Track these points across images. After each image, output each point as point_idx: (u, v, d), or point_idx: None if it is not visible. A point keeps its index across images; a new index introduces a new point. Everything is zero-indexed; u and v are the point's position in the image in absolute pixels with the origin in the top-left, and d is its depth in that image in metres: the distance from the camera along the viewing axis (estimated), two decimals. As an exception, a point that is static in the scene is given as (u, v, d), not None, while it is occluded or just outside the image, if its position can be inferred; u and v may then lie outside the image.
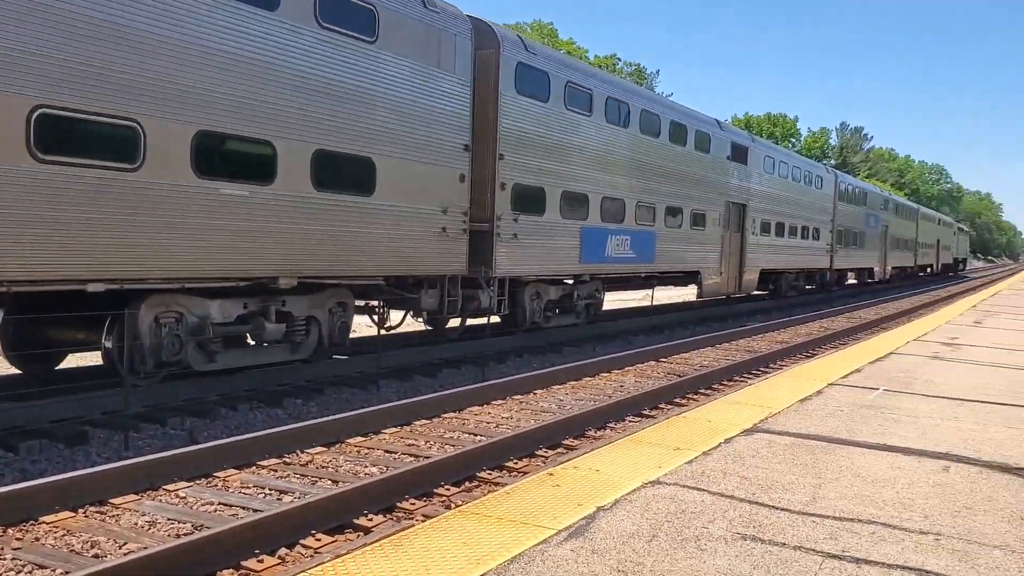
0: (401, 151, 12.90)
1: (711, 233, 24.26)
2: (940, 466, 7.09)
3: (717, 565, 4.70)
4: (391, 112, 12.71)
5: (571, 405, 11.50)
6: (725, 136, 25.64)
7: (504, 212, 15.20)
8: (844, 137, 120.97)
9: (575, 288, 18.69)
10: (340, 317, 12.88)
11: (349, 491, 6.81)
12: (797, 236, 32.09)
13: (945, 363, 13.72)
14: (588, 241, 17.97)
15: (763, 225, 28.34)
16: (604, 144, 18.65)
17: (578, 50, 66.02)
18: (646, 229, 20.51)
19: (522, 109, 15.66)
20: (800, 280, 34.44)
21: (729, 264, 25.47)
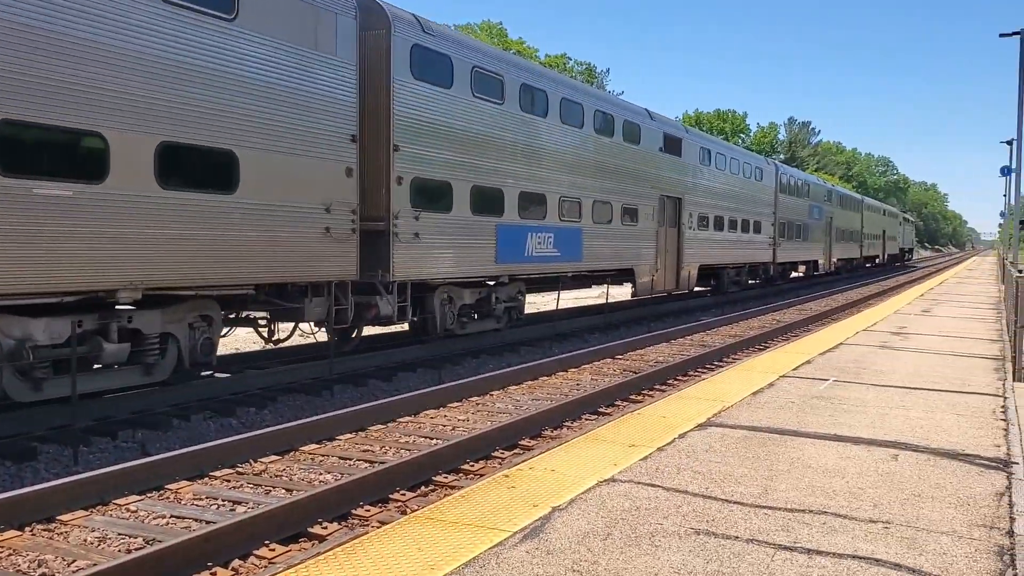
0: (270, 142, 11.37)
1: (644, 229, 23.05)
2: (889, 454, 7.21)
3: (671, 561, 4.72)
4: (257, 99, 11.14)
5: (528, 405, 11.50)
6: (656, 127, 24.38)
7: (402, 209, 13.72)
8: (792, 132, 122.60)
9: (494, 291, 17.33)
10: (204, 333, 11.29)
11: (303, 499, 6.73)
12: (737, 230, 31.14)
13: (894, 352, 13.97)
14: (505, 239, 16.54)
15: (701, 219, 27.25)
16: (520, 135, 17.27)
17: (528, 50, 66.13)
18: (572, 226, 19.19)
19: (421, 96, 14.16)
20: (743, 275, 33.45)
21: (666, 260, 24.43)
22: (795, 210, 39.48)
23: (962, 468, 6.84)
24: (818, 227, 44.24)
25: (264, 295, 12.05)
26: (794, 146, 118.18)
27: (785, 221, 37.48)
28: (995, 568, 4.73)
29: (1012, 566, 4.76)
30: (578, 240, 19.49)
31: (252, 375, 12.44)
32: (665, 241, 24.35)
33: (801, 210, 40.74)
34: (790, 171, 41.89)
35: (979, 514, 5.66)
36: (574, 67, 73.58)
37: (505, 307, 17.69)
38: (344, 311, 13.00)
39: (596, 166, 20.43)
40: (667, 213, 24.55)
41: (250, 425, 10.54)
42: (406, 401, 10.89)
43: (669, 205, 24.74)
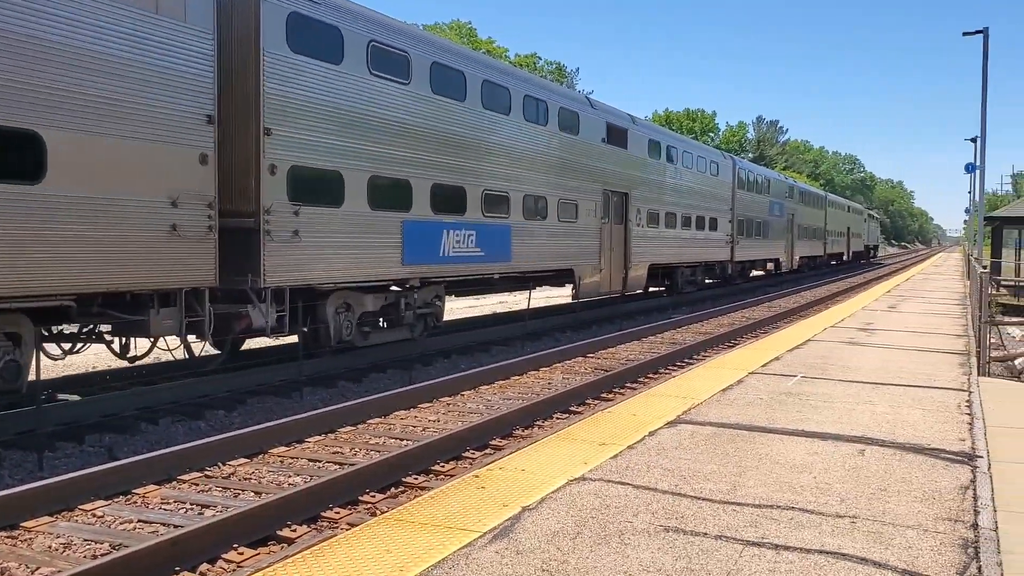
0: (92, 123, 9.42)
1: (586, 225, 21.32)
2: (856, 449, 7.28)
3: (640, 559, 4.74)
4: (71, 69, 9.19)
5: (499, 405, 11.49)
6: (599, 116, 22.57)
7: (277, 203, 11.81)
8: (761, 131, 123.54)
9: (404, 296, 15.27)
10: (7, 354, 9.28)
11: (272, 502, 6.68)
12: (692, 227, 29.50)
13: (860, 348, 14.11)
14: (414, 238, 14.57)
15: (651, 216, 25.52)
16: (432, 120, 15.15)
17: (498, 49, 66.12)
18: (498, 222, 17.31)
19: (301, 72, 12.25)
20: (699, 274, 31.84)
21: (611, 260, 22.74)
22: (755, 207, 38.04)
23: (928, 462, 6.92)
24: (779, 224, 42.84)
25: (97, 306, 10.16)
26: (762, 145, 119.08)
27: (744, 218, 35.99)
28: (960, 561, 4.78)
29: (976, 559, 4.82)
30: (506, 238, 17.65)
31: (221, 378, 12.33)
32: (611, 239, 22.73)
33: (761, 207, 39.29)
34: (749, 166, 40.38)
35: (944, 507, 5.73)
36: (544, 67, 73.65)
37: (418, 314, 15.72)
38: (201, 323, 11.04)
39: (526, 157, 18.59)
40: (612, 209, 22.91)
41: (219, 428, 10.45)
42: (376, 402, 10.83)
43: (615, 200, 23.07)
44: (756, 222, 38.18)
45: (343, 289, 13.67)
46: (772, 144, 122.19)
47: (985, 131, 34.63)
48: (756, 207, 38.25)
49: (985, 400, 9.76)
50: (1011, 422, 8.70)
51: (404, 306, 15.19)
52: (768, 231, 40.41)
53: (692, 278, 31.06)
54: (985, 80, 33.00)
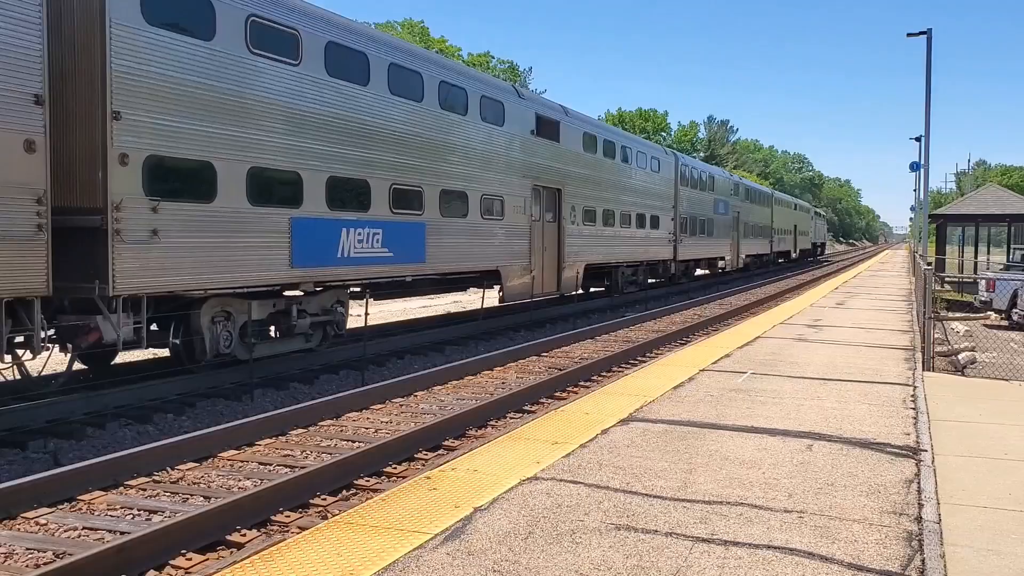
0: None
1: (514, 223, 19.85)
2: (804, 445, 7.38)
3: (591, 557, 4.75)
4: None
5: (452, 405, 11.46)
6: (527, 107, 21.06)
7: (129, 198, 10.28)
8: (712, 130, 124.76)
9: (296, 302, 13.78)
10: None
11: (221, 507, 6.59)
12: (631, 225, 28.19)
13: (809, 344, 14.32)
14: (305, 237, 13.01)
15: (587, 213, 24.20)
16: (326, 105, 13.51)
17: (451, 48, 65.99)
18: (410, 220, 15.80)
19: (159, 48, 10.69)
20: (640, 274, 30.34)
21: (544, 260, 21.48)
22: (699, 204, 36.96)
23: (874, 456, 7.04)
24: (725, 222, 41.76)
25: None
26: (713, 144, 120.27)
27: (688, 216, 34.90)
28: (904, 554, 4.87)
29: (920, 551, 4.91)
30: (420, 237, 16.15)
31: (171, 381, 12.12)
32: (542, 238, 21.44)
33: (705, 204, 38.22)
34: (692, 163, 39.16)
35: (889, 501, 5.83)
36: (497, 65, 73.67)
37: (316, 322, 14.22)
38: (32, 338, 9.50)
39: (443, 148, 16.97)
40: (544, 206, 21.68)
41: (168, 432, 10.27)
42: (328, 404, 10.74)
43: (546, 197, 21.84)
44: (700, 220, 37.17)
45: (220, 296, 12.20)
46: (723, 143, 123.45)
47: (929, 130, 35.37)
48: (700, 205, 37.31)
49: (929, 395, 9.96)
50: (954, 416, 8.89)
51: (297, 314, 13.74)
52: (713, 229, 39.35)
53: (633, 278, 29.73)
54: (929, 80, 33.69)
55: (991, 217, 33.89)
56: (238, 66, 11.94)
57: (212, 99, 11.54)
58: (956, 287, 32.80)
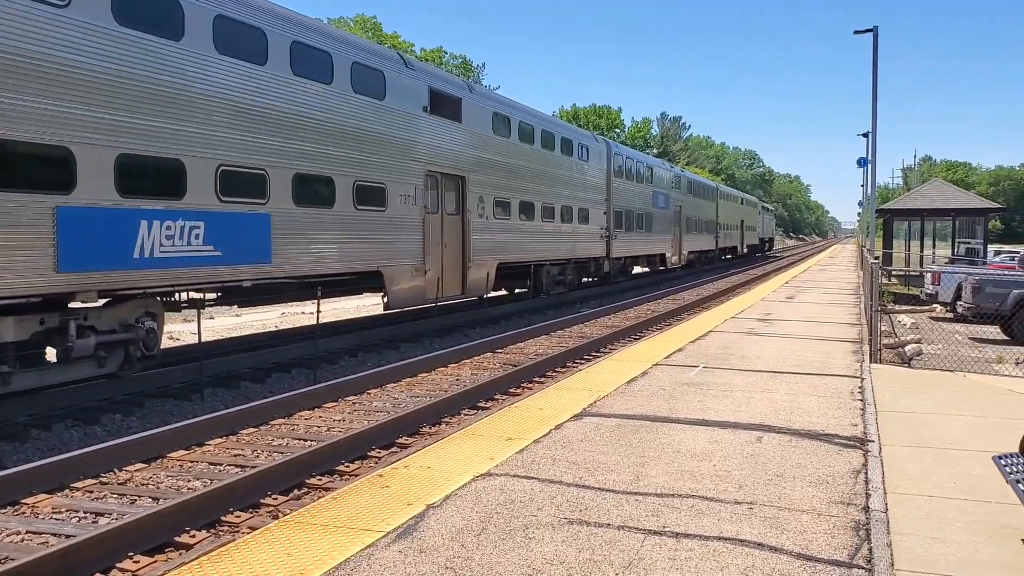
0: None
1: (401, 216, 16.85)
2: (754, 437, 7.46)
3: (544, 553, 4.75)
4: None
5: (406, 403, 11.40)
6: (417, 79, 17.94)
7: None
8: (664, 127, 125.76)
9: (74, 318, 10.78)
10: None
11: (169, 508, 6.48)
12: (556, 219, 25.70)
13: (760, 338, 14.49)
14: (81, 232, 10.18)
15: (498, 205, 21.48)
16: (112, 61, 10.59)
17: (404, 43, 65.68)
18: (246, 210, 12.87)
19: None
20: (569, 273, 27.95)
21: (443, 258, 18.68)
22: (635, 197, 34.47)
23: (822, 448, 7.14)
24: (665, 217, 39.39)
25: None
26: (666, 140, 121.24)
27: (623, 209, 32.43)
28: (852, 543, 4.94)
29: (867, 540, 4.99)
30: (263, 232, 13.21)
31: (118, 382, 11.90)
32: (441, 233, 18.65)
33: (643, 197, 35.64)
34: (627, 152, 35.87)
35: (837, 491, 5.91)
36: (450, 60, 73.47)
37: (109, 341, 11.30)
38: None
39: (294, 123, 13.97)
40: (442, 196, 18.80)
41: (116, 433, 10.09)
42: (279, 403, 10.63)
43: (445, 185, 18.93)
44: (638, 214, 34.67)
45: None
46: (675, 140, 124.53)
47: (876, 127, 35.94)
48: (637, 197, 34.81)
49: (877, 386, 10.14)
50: (901, 407, 9.05)
51: (78, 332, 10.76)
52: (652, 224, 36.97)
53: (560, 278, 27.12)
54: (875, 77, 34.24)
55: (936, 212, 34.58)
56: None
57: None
58: (903, 280, 33.43)
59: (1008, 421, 8.29)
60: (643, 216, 35.60)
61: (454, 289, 19.45)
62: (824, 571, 4.52)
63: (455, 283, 19.47)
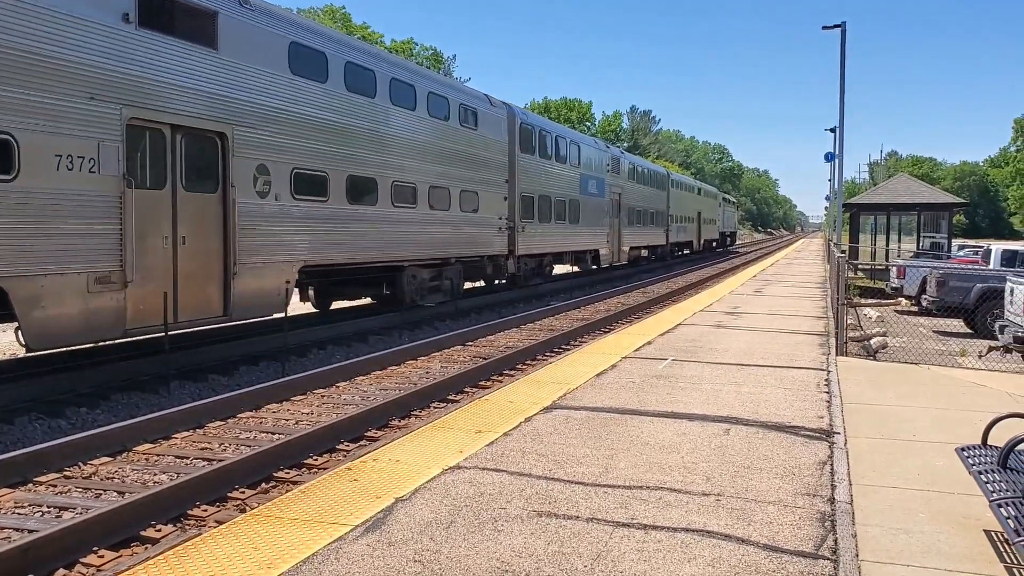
0: None
1: (54, 191, 10.20)
2: (722, 429, 7.51)
3: (513, 545, 4.75)
4: None
5: (375, 396, 11.35)
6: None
7: None
8: (634, 120, 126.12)
9: None
10: None
11: (134, 502, 6.41)
12: (420, 204, 18.94)
13: (728, 331, 14.59)
14: None
15: (304, 181, 14.87)
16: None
17: (373, 35, 65.28)
18: None
19: None
20: (451, 276, 21.31)
21: (176, 262, 12.13)
22: (553, 180, 28.39)
23: (788, 439, 7.20)
24: (598, 206, 33.33)
25: None
26: (636, 134, 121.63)
27: (534, 195, 26.41)
28: (817, 534, 4.99)
29: (833, 531, 5.04)
30: None
31: (84, 374, 11.75)
32: (173, 222, 12.13)
33: (565, 181, 29.59)
34: (543, 123, 29.30)
35: (803, 483, 5.97)
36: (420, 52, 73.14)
37: None
38: None
39: None
40: (178, 162, 12.22)
41: (81, 426, 9.97)
42: (247, 395, 10.54)
43: (187, 146, 12.43)
44: (557, 201, 28.52)
45: None
46: (646, 133, 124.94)
47: (843, 122, 36.27)
48: (556, 181, 28.69)
49: (843, 379, 10.25)
50: (866, 399, 9.15)
51: None
52: (579, 214, 30.87)
53: (435, 283, 20.65)
54: (843, 72, 34.54)
55: (902, 206, 34.96)
56: None
57: None
58: (869, 274, 33.78)
59: (971, 413, 8.41)
60: (565, 204, 29.43)
61: (207, 308, 12.76)
62: (790, 562, 4.56)
63: (209, 300, 12.81)
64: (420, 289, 19.92)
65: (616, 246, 36.09)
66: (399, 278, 18.90)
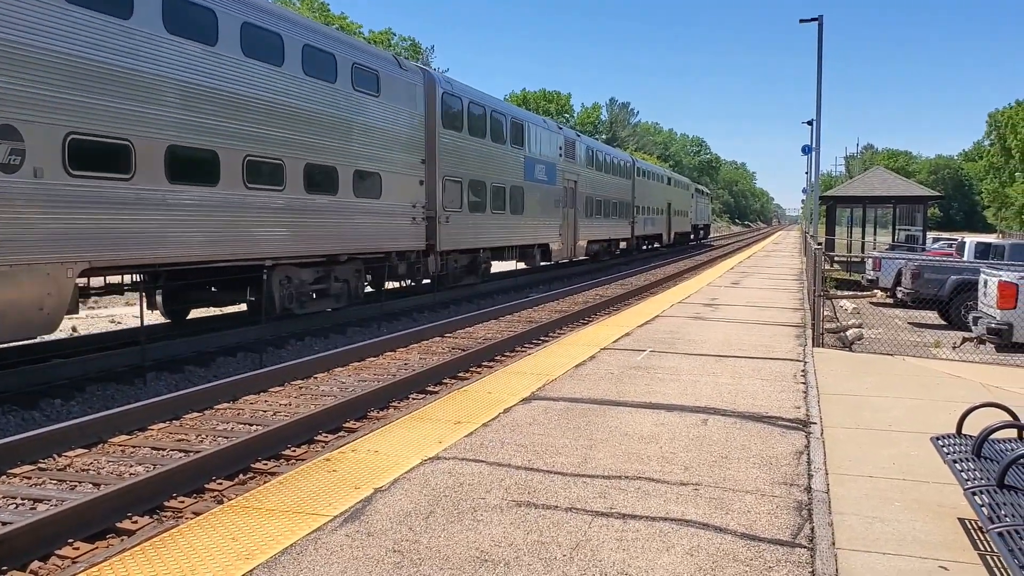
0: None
1: None
2: (700, 420, 7.55)
3: (492, 535, 4.76)
4: None
5: (353, 387, 11.32)
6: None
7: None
8: (613, 112, 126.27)
9: None
10: None
11: (110, 493, 6.36)
12: (292, 187, 15.22)
13: (706, 323, 14.65)
14: None
15: (84, 150, 10.97)
16: None
17: (352, 25, 64.89)
18: None
19: None
20: (344, 278, 17.72)
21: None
22: (489, 163, 24.33)
23: (766, 430, 7.24)
24: (549, 194, 29.60)
25: None
26: (615, 126, 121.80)
27: (463, 179, 22.48)
28: (794, 523, 5.03)
29: (810, 520, 5.08)
30: None
31: (59, 364, 11.64)
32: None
33: (506, 164, 25.67)
34: (475, 95, 24.35)
35: (780, 473, 6.01)
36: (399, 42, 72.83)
37: None
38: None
39: None
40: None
41: (56, 418, 9.88)
42: (224, 387, 10.47)
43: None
44: (494, 187, 24.52)
45: None
46: (624, 125, 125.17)
47: (820, 115, 36.45)
48: (494, 164, 24.65)
49: (819, 369, 10.32)
50: (842, 390, 9.23)
51: None
52: (522, 203, 26.89)
53: (322, 286, 17.06)
54: (820, 66, 34.70)
55: (878, 199, 35.21)
56: None
57: None
58: (845, 266, 34.04)
59: (945, 403, 8.50)
60: (506, 191, 25.46)
61: None
62: (768, 550, 4.59)
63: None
64: (299, 294, 16.28)
65: (571, 240, 32.42)
66: (269, 281, 15.08)
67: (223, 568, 4.26)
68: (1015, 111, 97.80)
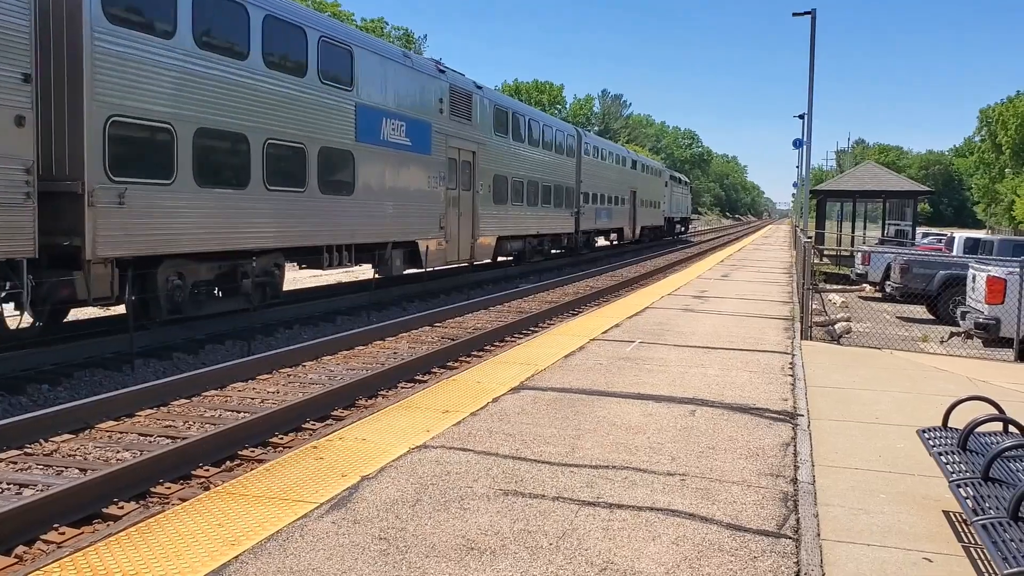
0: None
1: None
2: (687, 411, 7.57)
3: (479, 523, 4.76)
4: None
5: (342, 375, 11.30)
6: None
7: None
8: (605, 104, 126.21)
9: None
10: None
11: (97, 479, 6.34)
12: None
13: (695, 314, 14.68)
14: None
15: None
16: None
17: (344, 13, 64.65)
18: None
19: None
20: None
21: None
22: (256, 104, 14.28)
23: (753, 421, 7.27)
24: (417, 167, 20.22)
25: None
26: (607, 118, 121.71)
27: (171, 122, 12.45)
28: (780, 514, 5.05)
29: (795, 511, 5.10)
30: None
31: (46, 350, 11.58)
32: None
33: (303, 111, 15.57)
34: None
35: (767, 464, 6.03)
36: (392, 32, 72.58)
37: None
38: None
39: None
40: None
41: (43, 404, 9.83)
42: (212, 374, 10.44)
43: None
44: (273, 151, 14.75)
45: None
46: (617, 117, 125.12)
47: (812, 109, 36.56)
48: (267, 107, 14.62)
49: (807, 362, 10.36)
50: (830, 383, 9.26)
51: None
52: (355, 179, 17.44)
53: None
54: (812, 59, 34.76)
55: (868, 193, 35.30)
56: None
57: None
58: (834, 260, 34.14)
59: (932, 397, 8.54)
60: (303, 156, 15.77)
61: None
62: (753, 540, 4.61)
63: None
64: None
65: (462, 236, 23.18)
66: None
67: (209, 554, 4.25)
68: (1006, 107, 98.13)
